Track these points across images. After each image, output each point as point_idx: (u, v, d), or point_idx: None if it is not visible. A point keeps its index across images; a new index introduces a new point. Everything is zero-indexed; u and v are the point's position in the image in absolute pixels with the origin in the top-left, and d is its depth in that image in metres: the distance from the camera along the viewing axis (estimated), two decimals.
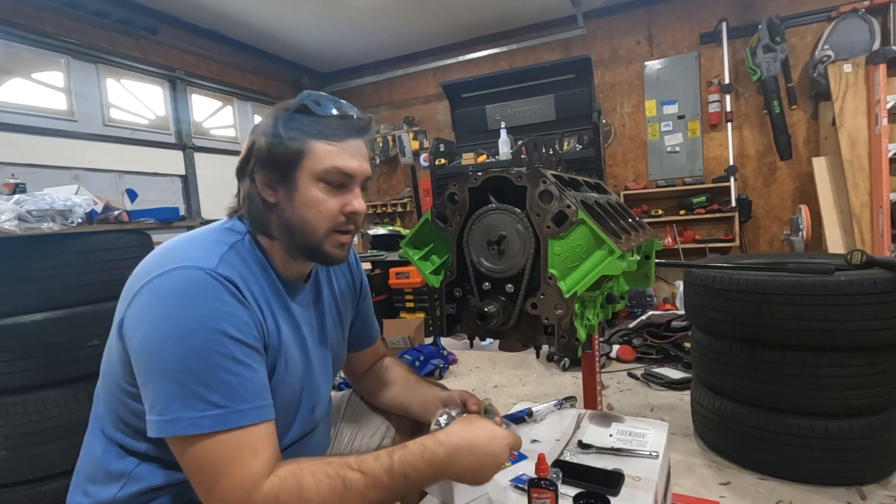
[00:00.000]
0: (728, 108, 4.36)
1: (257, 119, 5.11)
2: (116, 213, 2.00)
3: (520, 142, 3.77)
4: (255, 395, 0.72)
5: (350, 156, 0.83)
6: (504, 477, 0.97)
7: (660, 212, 4.60)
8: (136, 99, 4.17)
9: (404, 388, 1.13)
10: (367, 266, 4.19)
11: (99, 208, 1.96)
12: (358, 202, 0.85)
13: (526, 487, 0.85)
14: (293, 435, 0.90)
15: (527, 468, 1.00)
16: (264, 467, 0.69)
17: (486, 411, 1.02)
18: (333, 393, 1.24)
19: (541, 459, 0.84)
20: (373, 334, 1.18)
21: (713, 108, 4.45)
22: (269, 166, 0.81)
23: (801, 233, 3.80)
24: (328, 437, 1.08)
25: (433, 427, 0.94)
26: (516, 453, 1.07)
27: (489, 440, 0.80)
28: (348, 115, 0.84)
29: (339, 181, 0.83)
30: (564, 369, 2.98)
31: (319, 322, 0.96)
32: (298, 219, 0.82)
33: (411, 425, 1.13)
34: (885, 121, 3.36)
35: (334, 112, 0.82)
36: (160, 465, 0.78)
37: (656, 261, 1.51)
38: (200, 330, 0.69)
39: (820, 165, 3.88)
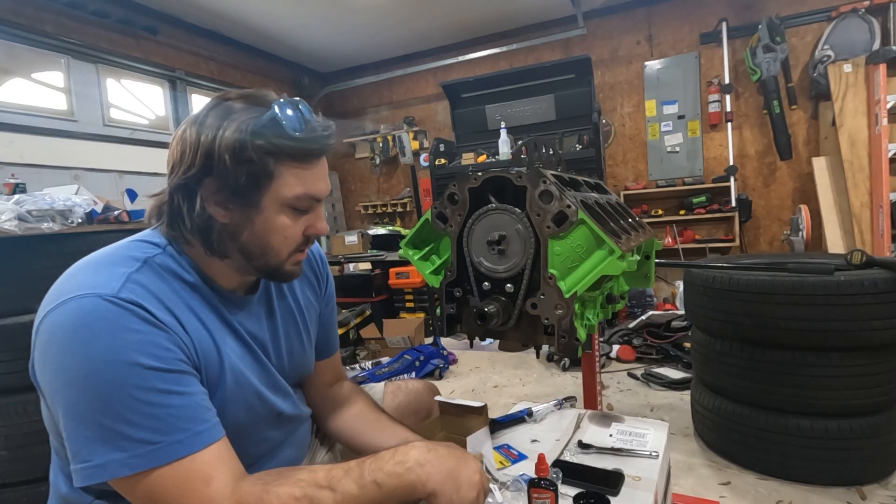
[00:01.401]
0: (728, 108, 4.35)
1: None
2: (116, 213, 2.01)
3: (520, 142, 3.77)
4: (191, 420, 0.66)
5: (319, 179, 0.78)
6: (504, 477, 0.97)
7: (660, 212, 4.60)
8: (136, 99, 4.17)
9: (372, 428, 1.00)
10: (366, 266, 4.18)
11: (99, 208, 1.97)
12: (321, 224, 0.82)
13: (526, 487, 0.85)
14: (269, 443, 0.89)
15: (527, 468, 1.00)
16: (221, 493, 0.65)
17: None
18: None
19: (541, 459, 0.84)
20: (330, 346, 1.08)
21: (713, 108, 4.45)
22: (228, 186, 0.72)
23: (801, 233, 3.80)
24: (309, 433, 1.04)
25: None
26: (516, 453, 1.08)
27: (464, 452, 0.79)
28: (318, 132, 0.76)
29: (306, 206, 0.78)
30: (564, 369, 2.98)
31: (272, 331, 0.90)
32: (260, 243, 0.77)
33: None
34: (885, 121, 3.36)
35: (305, 129, 0.74)
36: (116, 498, 0.71)
37: (656, 261, 1.51)
38: (109, 365, 0.62)
39: (820, 165, 3.88)
